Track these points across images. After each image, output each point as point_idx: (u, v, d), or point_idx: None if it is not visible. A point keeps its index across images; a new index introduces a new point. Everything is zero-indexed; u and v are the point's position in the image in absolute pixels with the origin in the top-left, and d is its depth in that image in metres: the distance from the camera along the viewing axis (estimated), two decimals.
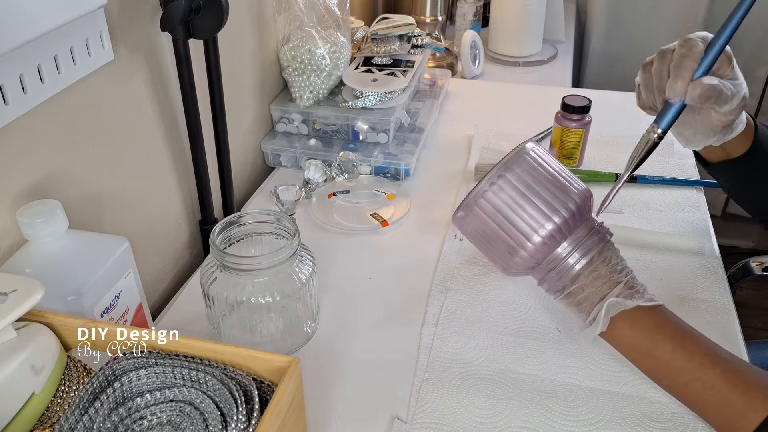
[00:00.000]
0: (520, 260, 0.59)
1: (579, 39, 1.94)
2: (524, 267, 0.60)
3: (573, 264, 0.58)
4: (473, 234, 0.62)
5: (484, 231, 0.60)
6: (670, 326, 0.57)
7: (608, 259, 0.58)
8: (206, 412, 0.46)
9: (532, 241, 0.58)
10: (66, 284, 0.53)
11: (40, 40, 0.52)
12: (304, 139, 1.01)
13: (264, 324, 0.67)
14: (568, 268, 0.58)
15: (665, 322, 0.57)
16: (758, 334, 1.87)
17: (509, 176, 0.58)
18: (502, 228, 0.59)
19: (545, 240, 0.58)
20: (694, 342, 0.56)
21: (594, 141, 1.04)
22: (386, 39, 1.09)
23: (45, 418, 0.46)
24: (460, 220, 0.61)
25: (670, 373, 0.57)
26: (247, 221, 0.67)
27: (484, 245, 0.62)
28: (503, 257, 0.60)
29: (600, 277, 0.57)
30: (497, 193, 0.58)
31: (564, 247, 0.58)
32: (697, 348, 0.55)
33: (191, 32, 0.69)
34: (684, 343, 0.56)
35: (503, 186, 0.58)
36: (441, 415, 0.61)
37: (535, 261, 0.59)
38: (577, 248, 0.58)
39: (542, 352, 0.68)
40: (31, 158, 0.57)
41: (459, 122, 1.16)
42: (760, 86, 1.87)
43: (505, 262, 0.61)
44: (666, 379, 0.58)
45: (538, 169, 0.58)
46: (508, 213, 0.58)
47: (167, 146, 0.77)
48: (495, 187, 0.58)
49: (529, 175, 0.58)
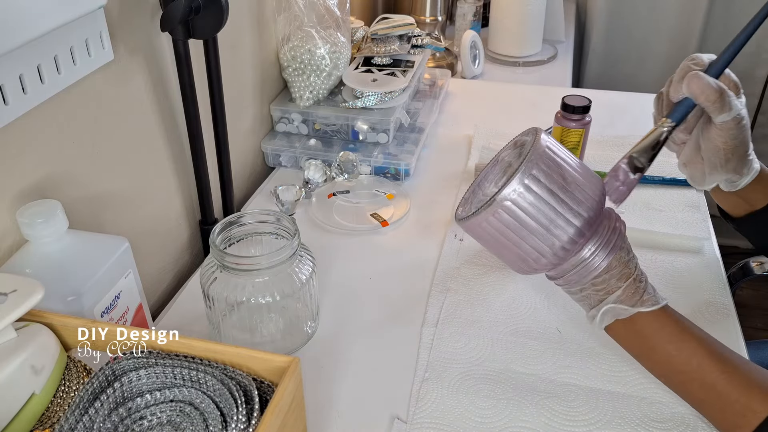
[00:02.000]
0: (539, 266, 0.56)
1: (579, 39, 1.95)
2: (543, 270, 0.57)
3: (598, 265, 0.55)
4: (488, 238, 0.57)
5: (502, 235, 0.55)
6: (668, 329, 0.56)
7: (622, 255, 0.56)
8: (206, 412, 0.46)
9: (555, 248, 0.54)
10: (66, 284, 0.53)
11: (40, 40, 0.52)
12: (304, 139, 1.01)
13: (264, 324, 0.67)
14: (592, 268, 0.55)
15: (664, 324, 0.56)
16: (758, 334, 1.87)
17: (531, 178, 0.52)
18: (522, 234, 0.54)
19: (567, 245, 0.54)
20: (694, 343, 0.55)
21: (594, 141, 1.04)
22: (386, 39, 1.09)
23: (45, 418, 0.46)
24: (473, 224, 0.56)
25: (667, 373, 0.57)
26: (247, 221, 0.67)
27: (498, 248, 0.57)
28: (522, 261, 0.57)
29: (611, 269, 0.56)
30: (519, 198, 0.53)
31: (589, 249, 0.55)
32: (695, 349, 0.55)
33: (191, 32, 0.69)
34: (682, 346, 0.55)
35: (524, 190, 0.52)
36: (441, 415, 0.61)
37: (555, 263, 0.56)
38: (600, 248, 0.55)
39: (542, 352, 0.68)
40: (31, 158, 0.57)
41: (459, 122, 1.16)
42: (760, 86, 1.87)
43: (523, 265, 0.57)
44: (664, 377, 0.58)
45: (559, 167, 0.54)
46: (531, 219, 0.53)
47: (167, 146, 0.77)
48: (517, 192, 0.52)
49: (551, 175, 0.53)
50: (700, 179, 0.65)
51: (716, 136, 0.60)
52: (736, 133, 0.60)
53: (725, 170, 0.63)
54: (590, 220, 0.54)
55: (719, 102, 0.57)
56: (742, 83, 0.62)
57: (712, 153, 0.62)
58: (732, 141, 0.60)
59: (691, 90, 0.57)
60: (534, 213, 0.53)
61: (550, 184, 0.53)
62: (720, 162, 0.62)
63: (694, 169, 0.65)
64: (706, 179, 0.64)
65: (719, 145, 0.61)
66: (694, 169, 0.65)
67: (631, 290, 0.56)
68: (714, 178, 0.64)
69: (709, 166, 0.63)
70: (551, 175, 0.53)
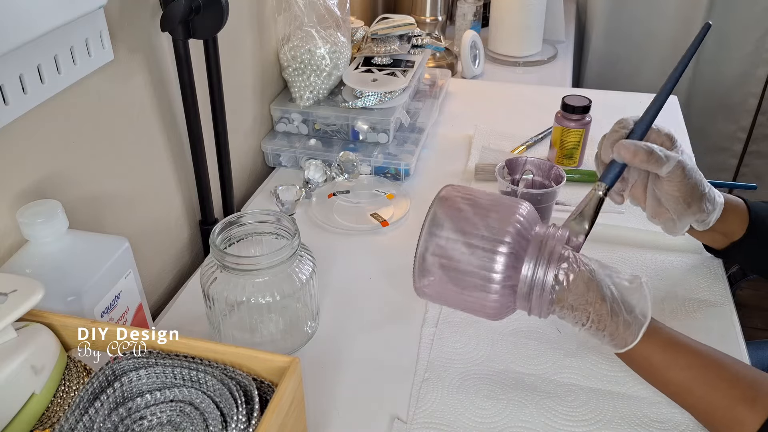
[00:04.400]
0: (496, 303, 0.56)
1: (579, 39, 1.95)
2: (506, 304, 0.57)
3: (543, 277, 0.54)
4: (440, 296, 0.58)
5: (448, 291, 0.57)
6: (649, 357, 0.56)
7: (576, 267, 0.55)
8: (206, 412, 0.46)
9: (494, 280, 0.55)
10: (66, 284, 0.53)
11: (40, 40, 0.52)
12: (304, 139, 1.01)
13: (264, 324, 0.67)
14: (540, 284, 0.55)
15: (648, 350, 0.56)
16: (758, 334, 1.87)
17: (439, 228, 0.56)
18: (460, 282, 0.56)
19: (504, 272, 0.54)
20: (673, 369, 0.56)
21: (594, 141, 1.04)
22: (386, 39, 1.09)
23: (45, 418, 0.46)
24: (421, 292, 0.59)
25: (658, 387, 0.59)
26: (247, 221, 0.67)
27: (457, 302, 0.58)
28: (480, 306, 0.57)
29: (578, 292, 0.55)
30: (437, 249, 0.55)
31: (526, 267, 0.55)
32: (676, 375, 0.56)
33: (191, 32, 0.69)
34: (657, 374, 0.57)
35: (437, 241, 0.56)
36: (441, 415, 0.61)
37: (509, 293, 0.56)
38: (540, 261, 0.55)
39: (542, 352, 0.68)
40: (31, 158, 0.57)
41: (459, 122, 1.16)
42: (760, 86, 1.87)
43: (485, 309, 0.57)
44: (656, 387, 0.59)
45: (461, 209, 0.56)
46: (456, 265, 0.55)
47: (167, 146, 0.77)
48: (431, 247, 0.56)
49: (455, 219, 0.56)
50: (673, 228, 0.67)
51: (668, 187, 0.63)
52: (685, 179, 0.62)
53: (692, 213, 0.65)
54: (512, 242, 0.54)
55: (652, 160, 0.59)
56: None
57: (673, 202, 0.64)
58: (684, 187, 0.62)
59: (623, 157, 0.60)
60: (456, 255, 0.55)
61: (457, 224, 0.55)
62: (683, 208, 0.64)
63: (664, 220, 0.67)
64: (678, 226, 0.66)
65: (675, 194, 0.63)
66: (665, 221, 0.67)
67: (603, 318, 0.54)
68: (684, 223, 0.66)
69: (676, 214, 0.65)
70: (453, 218, 0.56)
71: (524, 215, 0.56)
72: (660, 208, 0.66)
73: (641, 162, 0.60)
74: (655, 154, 0.60)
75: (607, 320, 0.54)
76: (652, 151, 0.60)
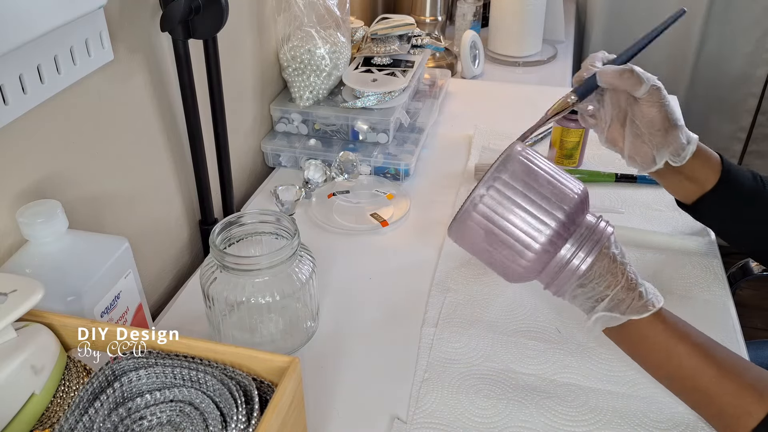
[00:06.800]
0: (523, 269, 0.57)
1: (579, 39, 1.94)
2: (528, 275, 0.58)
3: (578, 265, 0.56)
4: (471, 245, 0.58)
5: (482, 242, 0.57)
6: (661, 335, 0.56)
7: (610, 256, 0.57)
8: (206, 412, 0.46)
9: (533, 249, 0.55)
10: (66, 284, 0.53)
11: (40, 40, 0.52)
12: (304, 139, 1.01)
13: (264, 324, 0.67)
14: (573, 269, 0.56)
15: (657, 331, 0.56)
16: (758, 334, 1.87)
17: (501, 182, 0.55)
18: (500, 238, 0.56)
19: (545, 246, 0.55)
20: (687, 347, 0.55)
21: (594, 141, 1.04)
22: (386, 39, 1.09)
23: (45, 418, 0.46)
24: (456, 233, 0.58)
25: (663, 376, 0.58)
26: (247, 221, 0.67)
27: (484, 256, 0.58)
28: (505, 267, 0.58)
29: (594, 278, 0.56)
30: (492, 201, 0.55)
31: (567, 249, 0.56)
32: (689, 354, 0.55)
33: (191, 32, 0.69)
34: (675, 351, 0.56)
35: (495, 193, 0.55)
36: (441, 415, 0.61)
37: (538, 268, 0.57)
38: (581, 248, 0.56)
39: (542, 352, 0.68)
40: (31, 158, 0.57)
41: (459, 122, 1.16)
42: (760, 86, 1.87)
43: (508, 271, 0.58)
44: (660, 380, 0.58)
45: (531, 171, 0.56)
46: (505, 222, 0.55)
47: (167, 146, 0.77)
48: (489, 195, 0.55)
49: (522, 179, 0.55)
50: (651, 162, 0.69)
51: (646, 108, 0.66)
52: (662, 99, 0.65)
53: (669, 143, 0.67)
54: (566, 222, 0.55)
55: (634, 78, 0.64)
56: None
57: (650, 126, 0.66)
58: (663, 108, 0.66)
59: (607, 81, 0.65)
60: (506, 214, 0.55)
61: (520, 187, 0.55)
62: (661, 135, 0.66)
63: (642, 155, 0.69)
64: (656, 159, 0.68)
65: (654, 115, 0.66)
66: (642, 156, 0.69)
67: (621, 296, 0.55)
68: (662, 155, 0.68)
69: (654, 145, 0.67)
70: (522, 178, 0.55)
71: (582, 198, 0.57)
72: (638, 142, 0.68)
73: (624, 81, 0.64)
74: (635, 73, 0.64)
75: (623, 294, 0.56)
76: (632, 70, 0.64)
